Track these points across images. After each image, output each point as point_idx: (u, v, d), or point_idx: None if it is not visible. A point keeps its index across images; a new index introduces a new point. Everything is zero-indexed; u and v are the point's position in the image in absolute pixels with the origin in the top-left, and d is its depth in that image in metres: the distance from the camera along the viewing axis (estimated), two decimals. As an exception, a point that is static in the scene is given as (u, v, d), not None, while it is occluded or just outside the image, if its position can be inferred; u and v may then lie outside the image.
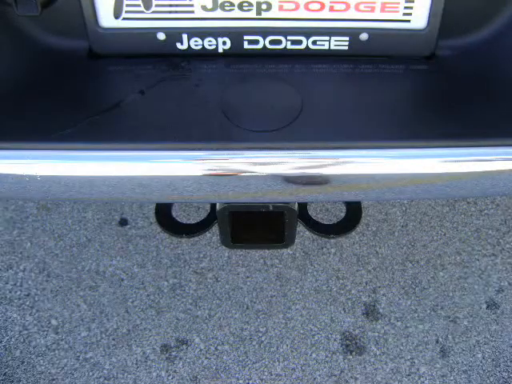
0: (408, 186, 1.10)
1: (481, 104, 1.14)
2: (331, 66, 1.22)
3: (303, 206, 1.40)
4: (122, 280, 2.07)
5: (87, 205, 2.29)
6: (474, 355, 1.87)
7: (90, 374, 1.85)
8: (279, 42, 1.20)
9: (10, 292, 2.04)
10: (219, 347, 1.90)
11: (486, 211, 2.27)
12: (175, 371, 1.85)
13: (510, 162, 1.07)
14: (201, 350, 1.89)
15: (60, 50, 1.22)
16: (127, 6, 1.16)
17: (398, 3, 1.15)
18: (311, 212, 1.43)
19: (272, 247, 1.56)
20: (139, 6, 1.16)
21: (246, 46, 1.20)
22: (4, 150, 1.06)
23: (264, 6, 1.15)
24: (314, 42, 1.20)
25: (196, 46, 1.21)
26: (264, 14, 1.16)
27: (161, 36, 1.19)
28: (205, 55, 1.22)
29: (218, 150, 1.06)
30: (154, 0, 1.15)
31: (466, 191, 1.11)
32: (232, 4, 1.14)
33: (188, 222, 2.04)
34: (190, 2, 1.15)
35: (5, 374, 1.84)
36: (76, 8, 1.16)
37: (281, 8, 1.15)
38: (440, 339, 1.91)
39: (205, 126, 1.09)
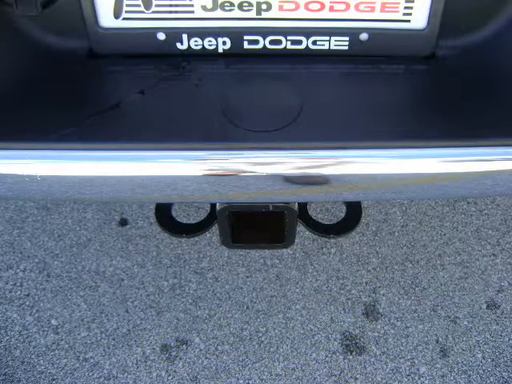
0: (408, 186, 1.10)
1: (481, 104, 1.14)
2: (331, 66, 1.22)
3: (303, 206, 1.40)
4: (122, 280, 2.07)
5: (87, 205, 2.29)
6: (474, 355, 1.87)
7: (90, 374, 1.85)
8: (279, 42, 1.20)
9: (10, 292, 2.04)
10: (219, 347, 1.90)
11: (485, 211, 2.27)
12: (175, 371, 1.85)
13: (510, 162, 1.07)
14: (201, 350, 1.89)
15: (60, 50, 1.22)
16: (127, 6, 1.16)
17: (398, 3, 1.15)
18: (311, 212, 1.43)
19: (272, 247, 1.56)
20: (139, 6, 1.16)
21: (246, 46, 1.20)
22: (4, 149, 1.06)
23: (264, 6, 1.15)
24: (314, 42, 1.20)
25: (196, 45, 1.21)
26: (264, 14, 1.16)
27: (161, 36, 1.19)
28: (205, 55, 1.22)
29: (217, 149, 1.06)
30: (153, 0, 1.15)
31: (466, 191, 1.11)
32: (232, 4, 1.15)
33: (188, 222, 2.05)
34: (190, 2, 1.15)
35: (5, 374, 1.84)
36: (76, 8, 1.16)
37: (281, 8, 1.15)
38: (440, 339, 1.91)
39: (205, 126, 1.09)
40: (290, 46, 1.20)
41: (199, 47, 1.21)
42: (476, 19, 1.20)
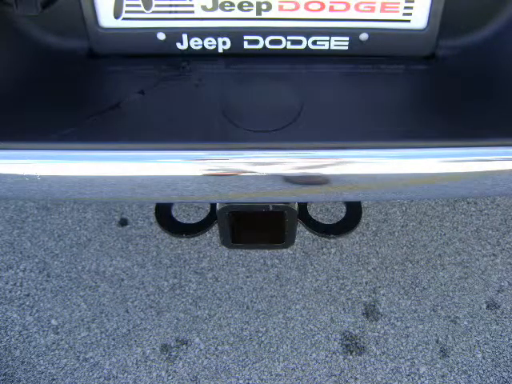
0: (408, 186, 1.10)
1: (481, 104, 1.14)
2: (331, 66, 1.22)
3: (303, 206, 1.40)
4: (122, 280, 2.07)
5: (87, 205, 2.29)
6: (474, 355, 1.87)
7: (90, 374, 1.85)
8: (279, 42, 1.20)
9: (10, 292, 2.04)
10: (219, 347, 1.90)
11: (485, 211, 2.27)
12: (175, 371, 1.85)
13: (510, 162, 1.07)
14: (201, 350, 1.89)
15: (60, 50, 1.22)
16: (127, 6, 1.16)
17: (398, 3, 1.15)
18: (311, 212, 1.43)
19: (272, 247, 1.56)
20: (139, 6, 1.16)
21: (246, 46, 1.20)
22: (4, 149, 1.06)
23: (264, 6, 1.15)
24: (314, 42, 1.20)
25: (196, 45, 1.21)
26: (264, 14, 1.16)
27: (161, 36, 1.19)
28: (205, 55, 1.22)
29: (217, 149, 1.06)
30: (153, 0, 1.15)
31: (466, 191, 1.11)
32: (232, 4, 1.15)
33: (188, 222, 2.05)
34: (190, 2, 1.15)
35: (5, 374, 1.84)
36: (76, 8, 1.16)
37: (281, 8, 1.15)
38: (440, 339, 1.91)
39: (205, 126, 1.09)
40: (289, 46, 1.20)
41: (199, 47, 1.21)
42: (476, 19, 1.20)
